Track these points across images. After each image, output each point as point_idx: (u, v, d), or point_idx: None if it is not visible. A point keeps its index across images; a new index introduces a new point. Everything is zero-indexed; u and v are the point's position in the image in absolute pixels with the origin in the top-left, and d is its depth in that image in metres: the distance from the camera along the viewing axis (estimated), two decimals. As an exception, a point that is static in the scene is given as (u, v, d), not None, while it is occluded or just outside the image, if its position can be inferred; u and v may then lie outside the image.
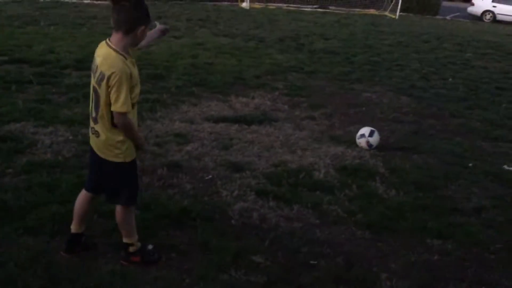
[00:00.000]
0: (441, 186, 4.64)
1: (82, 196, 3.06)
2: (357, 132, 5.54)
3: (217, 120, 5.93)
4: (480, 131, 6.43)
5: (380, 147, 5.42)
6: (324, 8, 21.03)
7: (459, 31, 17.41)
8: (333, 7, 21.48)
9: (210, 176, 4.43)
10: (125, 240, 3.08)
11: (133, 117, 2.79)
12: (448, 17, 23.47)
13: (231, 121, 5.93)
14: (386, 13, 21.02)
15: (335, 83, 8.40)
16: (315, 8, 21.01)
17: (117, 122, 2.69)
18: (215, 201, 3.99)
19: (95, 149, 2.84)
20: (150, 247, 3.22)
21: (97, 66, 2.66)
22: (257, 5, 19.31)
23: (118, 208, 2.98)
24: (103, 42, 2.73)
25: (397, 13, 20.24)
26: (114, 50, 2.63)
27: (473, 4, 24.43)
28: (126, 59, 2.64)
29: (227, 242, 3.38)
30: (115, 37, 2.66)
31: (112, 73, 2.57)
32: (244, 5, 18.98)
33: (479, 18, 23.65)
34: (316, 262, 3.30)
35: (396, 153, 5.39)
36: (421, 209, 4.15)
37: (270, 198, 4.09)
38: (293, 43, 12.01)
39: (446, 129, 6.43)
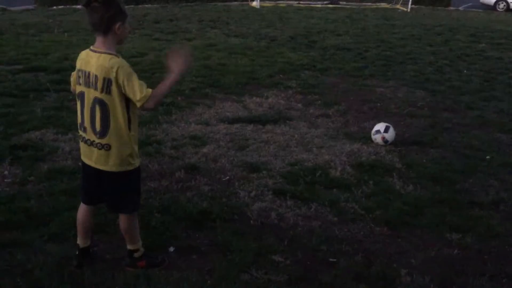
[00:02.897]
0: (458, 180, 4.63)
1: (83, 210, 3.01)
2: (372, 128, 5.54)
3: (232, 121, 5.97)
4: (497, 123, 6.37)
5: (396, 142, 5.42)
6: (334, 4, 20.94)
7: (472, 22, 17.23)
8: (344, 2, 21.39)
9: (228, 177, 4.48)
10: (129, 246, 3.08)
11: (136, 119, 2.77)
12: (460, 8, 23.22)
13: (246, 121, 5.97)
14: (398, 6, 20.87)
15: (348, 79, 8.39)
16: (326, 4, 20.94)
17: (151, 107, 2.66)
18: (234, 202, 4.03)
19: (100, 163, 2.74)
20: (171, 249, 3.28)
21: (95, 76, 2.59)
22: (267, 4, 19.30)
23: (123, 216, 2.96)
24: (87, 51, 2.68)
25: (409, 6, 20.08)
26: (103, 53, 2.62)
27: (486, -6, 24.16)
28: (118, 57, 2.63)
29: (247, 242, 3.42)
30: (98, 41, 2.65)
31: (117, 70, 2.56)
32: (255, 4, 18.99)
33: (492, 7, 23.35)
34: (335, 260, 3.32)
35: (412, 148, 5.38)
36: (439, 203, 4.15)
37: (288, 197, 4.12)
38: (305, 40, 12.00)
39: (462, 122, 6.39)
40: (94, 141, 2.72)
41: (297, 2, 20.80)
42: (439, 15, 18.98)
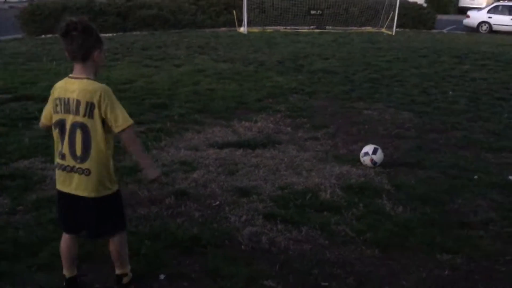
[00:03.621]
0: (447, 200, 4.67)
1: (66, 240, 2.98)
2: (360, 150, 5.59)
3: (221, 145, 5.99)
4: (483, 143, 6.46)
5: (384, 164, 5.46)
6: (321, 28, 21.25)
7: (456, 44, 17.54)
8: (329, 27, 21.69)
9: (218, 202, 4.47)
10: (118, 271, 3.09)
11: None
12: (444, 30, 23.65)
13: (236, 146, 5.99)
14: (383, 30, 21.22)
15: (336, 102, 8.48)
16: (312, 28, 21.24)
17: (126, 139, 2.72)
18: (224, 227, 4.02)
19: (80, 189, 2.74)
20: (162, 277, 3.25)
21: (77, 101, 2.63)
22: (254, 29, 19.54)
23: (112, 240, 2.97)
24: (65, 80, 2.73)
25: (394, 29, 20.43)
26: (84, 78, 2.68)
27: (468, 16, 24.65)
28: (99, 82, 2.70)
29: (238, 268, 3.40)
30: (76, 68, 2.70)
31: (100, 96, 2.62)
32: (242, 29, 19.22)
33: (475, 29, 23.83)
34: (327, 283, 3.31)
35: (401, 169, 5.42)
36: (429, 224, 4.17)
37: (278, 221, 4.12)
38: (292, 64, 12.14)
39: (449, 143, 6.47)
40: (74, 166, 2.72)
41: (284, 27, 21.08)
42: (423, 38, 19.31)
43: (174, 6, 19.53)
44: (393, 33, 20.25)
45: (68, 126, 2.69)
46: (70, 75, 2.72)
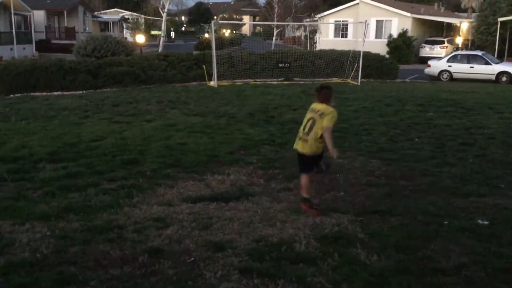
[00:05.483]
0: (420, 247, 4.73)
1: (305, 178, 5.64)
2: (333, 199, 5.64)
3: (195, 200, 5.97)
4: (451, 188, 6.62)
5: (357, 212, 5.52)
6: (289, 80, 21.78)
7: (419, 92, 18.16)
8: (297, 78, 22.26)
9: (192, 259, 4.42)
10: (304, 195, 5.65)
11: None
12: (407, 80, 24.51)
13: (209, 199, 5.99)
14: (348, 80, 21.88)
15: (307, 152, 8.58)
16: (281, 80, 21.75)
17: (324, 133, 5.30)
18: (199, 284, 3.97)
19: (301, 149, 5.54)
20: None
21: (319, 110, 5.45)
22: (224, 83, 19.88)
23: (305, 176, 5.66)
24: (318, 103, 5.56)
25: (359, 80, 21.08)
26: (328, 106, 5.47)
27: (429, 66, 25.69)
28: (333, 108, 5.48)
29: (215, 327, 3.34)
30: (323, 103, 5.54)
31: (330, 111, 5.39)
32: (212, 83, 19.53)
33: (436, 78, 24.80)
34: (306, 338, 3.27)
35: (373, 217, 5.50)
36: (403, 272, 4.21)
37: (255, 275, 4.09)
38: (263, 116, 12.33)
39: (419, 189, 6.61)
40: (301, 137, 5.52)
41: (253, 79, 21.52)
42: (387, 87, 19.94)
43: (144, 63, 19.79)
44: (359, 83, 20.89)
45: (308, 118, 5.51)
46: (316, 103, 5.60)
